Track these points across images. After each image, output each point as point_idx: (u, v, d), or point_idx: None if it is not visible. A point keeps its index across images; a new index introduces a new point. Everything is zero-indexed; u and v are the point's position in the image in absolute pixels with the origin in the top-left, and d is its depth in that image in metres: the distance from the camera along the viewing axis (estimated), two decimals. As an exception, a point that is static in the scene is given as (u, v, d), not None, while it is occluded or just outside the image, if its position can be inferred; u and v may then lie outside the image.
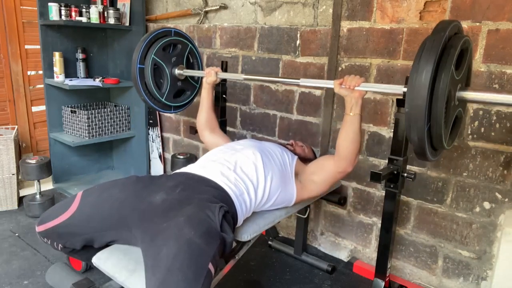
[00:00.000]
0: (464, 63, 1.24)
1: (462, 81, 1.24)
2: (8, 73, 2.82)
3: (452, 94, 1.18)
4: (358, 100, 1.42)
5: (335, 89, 1.46)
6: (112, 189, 1.41)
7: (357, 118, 1.43)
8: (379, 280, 1.62)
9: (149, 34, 1.94)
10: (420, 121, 1.12)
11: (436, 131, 1.18)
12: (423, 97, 1.10)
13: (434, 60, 1.09)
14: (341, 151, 1.49)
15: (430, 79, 1.09)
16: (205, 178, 1.44)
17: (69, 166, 2.95)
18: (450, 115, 1.22)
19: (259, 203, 1.50)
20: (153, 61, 1.93)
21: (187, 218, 1.20)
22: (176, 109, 2.12)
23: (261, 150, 1.60)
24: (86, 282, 1.46)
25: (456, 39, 1.18)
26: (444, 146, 1.24)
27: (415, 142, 1.18)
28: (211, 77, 1.87)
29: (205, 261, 1.12)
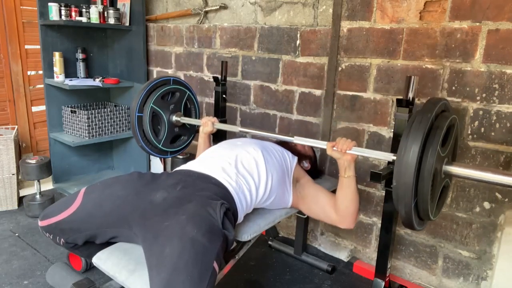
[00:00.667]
0: (450, 139, 1.31)
1: (448, 155, 1.32)
2: (8, 73, 2.82)
3: (438, 170, 1.26)
4: (350, 163, 1.45)
5: (328, 151, 1.49)
6: (114, 186, 1.41)
7: (352, 180, 1.46)
8: (379, 280, 1.62)
9: (148, 83, 1.97)
10: (407, 197, 1.20)
11: (423, 206, 1.26)
12: (410, 175, 1.17)
13: (420, 141, 1.17)
14: (342, 211, 1.51)
15: (417, 159, 1.17)
16: (206, 175, 1.44)
17: (69, 166, 2.95)
18: (436, 188, 1.30)
19: (260, 199, 1.50)
20: (151, 109, 1.96)
21: (189, 216, 1.20)
22: (173, 153, 2.16)
23: (262, 146, 1.61)
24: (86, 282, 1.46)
25: (442, 118, 1.26)
26: (430, 218, 1.32)
27: (403, 216, 1.27)
28: (208, 128, 1.90)
29: (209, 259, 1.12)
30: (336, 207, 1.52)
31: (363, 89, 1.93)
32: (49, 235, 1.42)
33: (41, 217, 1.41)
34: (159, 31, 2.82)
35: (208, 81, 2.60)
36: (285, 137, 1.66)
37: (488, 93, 1.60)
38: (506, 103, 1.57)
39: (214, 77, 2.13)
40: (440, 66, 1.69)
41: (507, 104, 1.57)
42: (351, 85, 1.96)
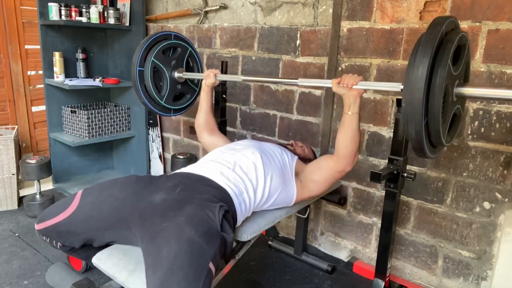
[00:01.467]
0: (461, 59, 1.22)
1: (460, 77, 1.23)
2: (8, 73, 2.82)
3: (449, 89, 1.17)
4: (356, 99, 1.42)
5: (333, 87, 1.45)
6: (112, 189, 1.40)
7: (356, 117, 1.43)
8: (379, 280, 1.62)
9: (149, 37, 1.95)
10: (417, 115, 1.11)
11: (434, 126, 1.16)
12: (419, 91, 1.08)
13: (430, 53, 1.08)
14: (340, 151, 1.49)
15: (427, 72, 1.07)
16: (205, 178, 1.44)
17: (69, 166, 2.95)
18: (448, 111, 1.21)
19: (259, 202, 1.50)
20: (152, 63, 1.93)
21: (187, 217, 1.20)
22: (176, 112, 2.13)
23: (261, 150, 1.60)
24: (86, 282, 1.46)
25: (453, 34, 1.17)
26: (443, 142, 1.22)
27: (413, 137, 1.16)
28: (210, 79, 1.88)
29: (205, 260, 1.12)
30: (335, 148, 1.50)
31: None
32: (46, 239, 1.41)
33: (38, 220, 1.40)
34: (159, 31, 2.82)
35: (208, 81, 2.60)
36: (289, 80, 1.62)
37: (488, 93, 1.60)
38: (506, 103, 1.57)
39: (214, 77, 2.13)
40: (440, 66, 1.69)
41: (507, 104, 1.56)
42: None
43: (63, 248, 1.43)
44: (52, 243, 1.42)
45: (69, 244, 1.40)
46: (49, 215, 1.39)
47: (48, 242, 1.42)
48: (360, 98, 1.43)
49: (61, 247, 1.42)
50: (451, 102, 1.20)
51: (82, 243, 1.38)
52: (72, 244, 1.39)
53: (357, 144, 1.47)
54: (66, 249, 1.43)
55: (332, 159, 1.54)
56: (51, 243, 1.42)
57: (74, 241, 1.38)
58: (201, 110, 1.93)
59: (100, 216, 1.34)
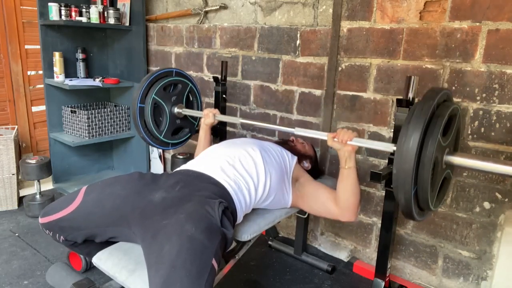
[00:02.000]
0: (452, 130, 1.29)
1: (450, 145, 1.30)
2: (8, 73, 2.82)
3: (439, 159, 1.24)
4: (351, 154, 1.44)
5: (328, 142, 1.48)
6: (114, 186, 1.42)
7: (353, 171, 1.45)
8: (379, 280, 1.62)
9: (151, 75, 1.98)
10: (407, 184, 1.18)
11: (423, 195, 1.23)
12: (410, 162, 1.16)
13: (421, 128, 1.15)
14: (342, 203, 1.50)
15: (417, 146, 1.15)
16: (205, 175, 1.44)
17: (69, 166, 2.95)
18: (437, 179, 1.28)
19: (259, 199, 1.50)
20: (153, 100, 1.97)
21: (187, 214, 1.21)
22: (174, 145, 2.16)
23: (260, 147, 1.61)
24: (86, 282, 1.46)
25: (444, 107, 1.24)
26: (431, 209, 1.29)
27: (402, 204, 1.23)
28: (209, 119, 1.91)
29: (208, 257, 1.13)
30: (337, 200, 1.50)
31: (363, 89, 1.93)
32: (49, 232, 1.43)
33: (42, 214, 1.42)
34: (159, 31, 2.82)
35: (208, 81, 2.60)
36: (286, 129, 1.65)
37: (488, 93, 1.60)
38: (506, 103, 1.57)
39: (214, 77, 2.14)
40: (440, 66, 1.69)
41: (507, 104, 1.57)
42: (351, 85, 1.96)
43: (66, 242, 1.44)
44: (55, 237, 1.43)
45: (71, 239, 1.41)
46: (53, 209, 1.40)
47: (51, 236, 1.44)
48: (354, 153, 1.45)
49: (63, 241, 1.43)
50: (441, 169, 1.28)
51: (84, 238, 1.39)
52: (75, 238, 1.40)
53: (358, 196, 1.48)
54: (68, 243, 1.44)
55: (336, 208, 1.52)
56: (54, 237, 1.44)
57: (76, 236, 1.39)
58: (200, 147, 1.96)
59: (101, 213, 1.35)
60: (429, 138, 1.17)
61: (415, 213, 1.26)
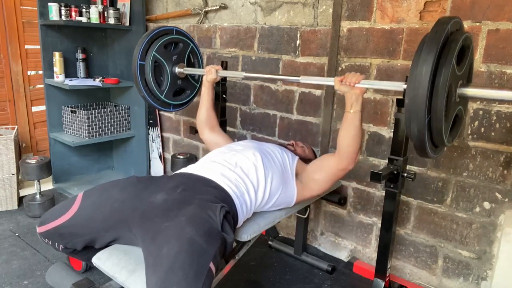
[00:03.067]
0: (465, 60, 1.22)
1: (463, 77, 1.23)
2: (8, 73, 2.82)
3: (453, 89, 1.16)
4: (358, 97, 1.42)
5: (336, 86, 1.46)
6: (112, 190, 1.40)
7: (358, 115, 1.43)
8: (379, 280, 1.62)
9: (151, 31, 1.95)
10: (420, 112, 1.10)
11: (436, 125, 1.15)
12: (423, 88, 1.08)
13: (435, 52, 1.07)
14: (342, 149, 1.49)
15: (431, 70, 1.07)
16: (206, 178, 1.44)
17: (69, 166, 2.95)
18: (450, 111, 1.21)
19: (260, 203, 1.50)
20: (154, 58, 1.93)
21: (188, 217, 1.20)
22: (175, 107, 2.12)
23: (261, 151, 1.60)
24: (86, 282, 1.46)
25: (457, 34, 1.17)
26: (444, 142, 1.22)
27: (415, 135, 1.15)
28: (211, 75, 1.87)
29: (206, 260, 1.12)
30: (338, 148, 1.49)
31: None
32: (48, 241, 1.42)
33: (39, 223, 1.41)
34: (159, 31, 2.82)
35: (208, 81, 2.60)
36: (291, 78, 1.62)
37: (488, 93, 1.60)
38: (506, 103, 1.57)
39: (214, 77, 2.13)
40: (440, 66, 1.69)
41: (507, 104, 1.56)
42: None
43: (65, 250, 1.43)
44: (54, 246, 1.42)
45: (71, 246, 1.40)
46: (50, 218, 1.39)
47: (50, 245, 1.43)
48: (362, 96, 1.43)
49: (63, 249, 1.42)
50: (454, 102, 1.20)
51: (84, 244, 1.38)
52: (74, 246, 1.39)
53: (359, 142, 1.47)
54: (68, 251, 1.43)
55: (334, 158, 1.54)
56: (53, 246, 1.42)
57: (76, 243, 1.38)
58: (202, 106, 1.92)
59: (100, 218, 1.34)
60: (443, 63, 1.09)
61: (428, 148, 1.18)
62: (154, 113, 2.96)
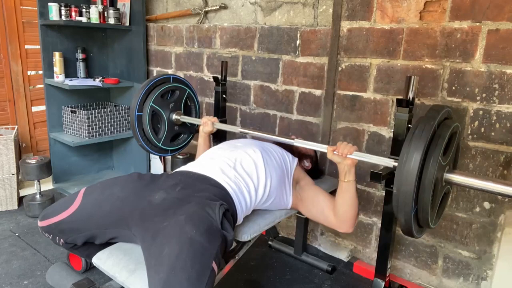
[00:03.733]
0: (452, 147, 1.30)
1: (450, 163, 1.31)
2: (8, 73, 2.82)
3: (439, 178, 1.24)
4: (351, 168, 1.44)
5: (328, 155, 1.48)
6: (113, 187, 1.41)
7: (352, 184, 1.46)
8: (379, 280, 1.62)
9: (148, 82, 1.97)
10: (407, 206, 1.18)
11: (423, 216, 1.24)
12: (410, 184, 1.15)
13: (422, 150, 1.15)
14: (340, 215, 1.50)
15: (418, 168, 1.15)
16: (205, 176, 1.44)
17: (69, 166, 2.95)
18: (437, 197, 1.28)
19: (259, 201, 1.50)
20: (151, 108, 1.96)
21: (187, 216, 1.20)
22: (173, 152, 2.16)
23: (262, 148, 1.60)
24: (86, 282, 1.46)
25: (444, 126, 1.25)
26: (430, 227, 1.31)
27: (402, 223, 1.25)
28: (208, 128, 1.91)
29: (208, 259, 1.12)
30: (335, 211, 1.51)
31: (363, 89, 1.93)
32: (49, 235, 1.43)
33: (41, 217, 1.42)
34: (159, 31, 2.82)
35: (208, 81, 2.60)
36: (285, 140, 1.65)
37: (488, 93, 1.60)
38: (506, 103, 1.57)
39: (214, 77, 2.13)
40: (440, 66, 1.69)
41: (507, 104, 1.57)
42: (351, 85, 1.96)
43: (65, 245, 1.44)
44: (55, 240, 1.43)
45: (71, 241, 1.41)
46: (52, 213, 1.40)
47: (50, 239, 1.44)
48: (354, 167, 1.45)
49: (63, 244, 1.43)
50: (441, 187, 1.28)
51: (84, 240, 1.39)
52: (74, 241, 1.40)
53: (356, 209, 1.49)
54: (68, 246, 1.44)
55: (335, 218, 1.53)
56: (54, 240, 1.43)
57: (76, 238, 1.39)
58: (199, 155, 1.94)
59: (101, 215, 1.35)
60: (430, 159, 1.17)
61: (414, 232, 1.27)
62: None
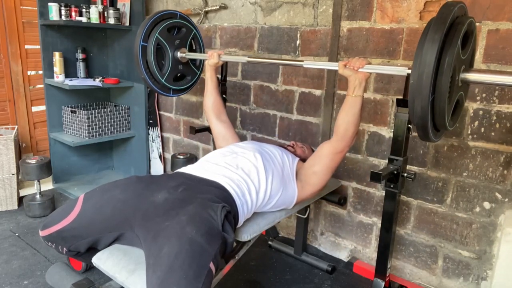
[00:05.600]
0: (469, 45, 1.24)
1: (466, 63, 1.25)
2: (8, 73, 2.82)
3: (456, 72, 1.17)
4: (362, 81, 1.43)
5: (340, 69, 1.47)
6: (113, 190, 1.41)
7: (359, 100, 1.45)
8: (379, 280, 1.62)
9: (154, 14, 1.94)
10: (424, 91, 1.11)
11: (440, 105, 1.16)
12: (429, 66, 1.09)
13: (442, 32, 1.09)
14: (339, 132, 1.49)
15: (438, 49, 1.08)
16: (208, 179, 1.44)
17: (69, 166, 2.95)
18: (453, 94, 1.21)
19: (260, 204, 1.50)
20: (156, 40, 1.92)
21: (189, 217, 1.20)
22: (175, 92, 2.10)
23: (262, 152, 1.61)
24: (86, 282, 1.46)
25: (463, 18, 1.19)
26: (446, 125, 1.23)
27: (418, 114, 1.16)
28: (214, 59, 1.88)
29: (206, 260, 1.12)
30: (335, 130, 1.50)
31: (363, 89, 1.93)
32: (51, 244, 1.42)
33: (42, 227, 1.41)
34: (159, 31, 2.82)
35: (208, 81, 2.60)
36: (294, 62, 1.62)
37: (488, 93, 1.60)
38: (506, 103, 1.57)
39: (214, 77, 2.13)
40: (440, 66, 1.69)
41: (507, 104, 1.56)
42: (351, 85, 1.96)
43: (69, 253, 1.43)
44: (58, 249, 1.42)
45: (74, 249, 1.40)
46: (53, 221, 1.39)
47: (53, 248, 1.43)
48: (365, 81, 1.44)
49: (66, 252, 1.42)
50: (457, 86, 1.22)
51: (87, 246, 1.38)
52: (78, 248, 1.39)
53: (357, 126, 1.48)
54: (72, 253, 1.43)
55: (330, 142, 1.54)
56: (57, 249, 1.42)
57: (79, 245, 1.38)
58: (207, 91, 1.93)
59: (102, 219, 1.34)
60: (449, 44, 1.10)
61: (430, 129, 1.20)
62: (154, 113, 2.96)
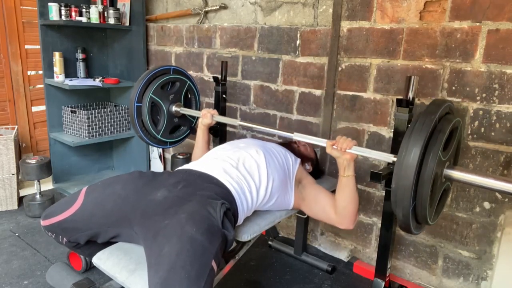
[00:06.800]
0: (452, 143, 1.29)
1: (450, 159, 1.29)
2: (8, 73, 2.82)
3: (438, 174, 1.23)
4: (350, 163, 1.43)
5: (327, 149, 1.47)
6: (115, 185, 1.42)
7: (352, 179, 1.45)
8: (379, 280, 1.62)
9: (148, 73, 1.96)
10: (405, 200, 1.17)
11: (421, 212, 1.23)
12: (409, 178, 1.15)
13: (422, 145, 1.14)
14: (341, 211, 1.49)
15: (417, 163, 1.14)
16: (207, 175, 1.44)
17: (69, 166, 2.95)
18: (436, 193, 1.27)
19: (261, 202, 1.50)
20: (150, 99, 1.95)
21: (188, 215, 1.21)
22: (172, 144, 2.15)
23: (264, 149, 1.60)
24: (86, 282, 1.46)
25: (445, 121, 1.23)
26: (428, 223, 1.29)
27: (400, 219, 1.23)
28: (207, 120, 1.90)
29: (207, 258, 1.12)
30: (336, 208, 1.51)
31: (363, 89, 1.93)
32: (52, 234, 1.43)
33: (43, 216, 1.42)
34: (159, 31, 2.82)
35: (208, 81, 2.60)
36: (285, 133, 1.65)
37: (488, 93, 1.60)
38: (506, 103, 1.57)
39: (214, 77, 2.13)
40: (440, 66, 1.69)
41: (507, 104, 1.57)
42: (351, 85, 1.96)
43: (68, 244, 1.44)
44: (58, 239, 1.44)
45: (74, 240, 1.41)
46: (55, 212, 1.41)
47: (53, 238, 1.44)
48: (354, 162, 1.45)
49: (66, 243, 1.44)
50: (440, 183, 1.27)
51: (87, 239, 1.40)
52: (77, 240, 1.40)
53: (356, 204, 1.47)
54: (71, 245, 1.45)
55: (335, 215, 1.52)
56: (57, 239, 1.44)
57: (79, 237, 1.39)
58: (197, 147, 1.95)
59: (103, 214, 1.35)
60: (429, 153, 1.16)
61: (412, 228, 1.26)
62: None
